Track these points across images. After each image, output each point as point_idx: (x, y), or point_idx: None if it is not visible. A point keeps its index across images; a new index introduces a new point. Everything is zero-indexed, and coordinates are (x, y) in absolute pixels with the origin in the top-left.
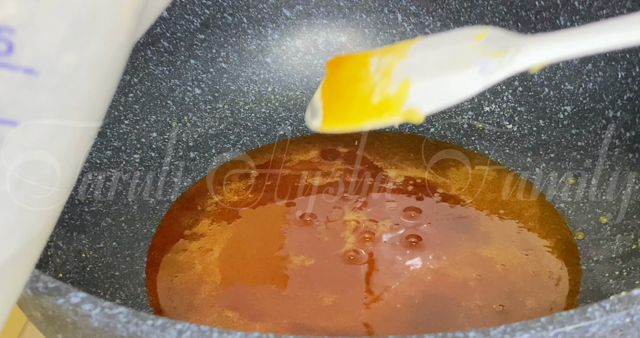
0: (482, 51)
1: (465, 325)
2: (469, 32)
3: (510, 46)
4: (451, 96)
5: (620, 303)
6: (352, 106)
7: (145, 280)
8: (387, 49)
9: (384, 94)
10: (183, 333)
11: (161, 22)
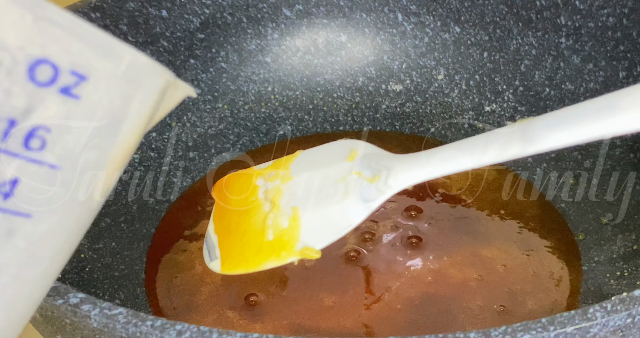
0: (357, 176)
1: (466, 325)
2: (342, 150)
3: (381, 168)
4: (341, 227)
5: (622, 303)
6: (248, 244)
7: (144, 281)
8: (270, 167)
9: (276, 227)
10: (182, 334)
11: (161, 21)
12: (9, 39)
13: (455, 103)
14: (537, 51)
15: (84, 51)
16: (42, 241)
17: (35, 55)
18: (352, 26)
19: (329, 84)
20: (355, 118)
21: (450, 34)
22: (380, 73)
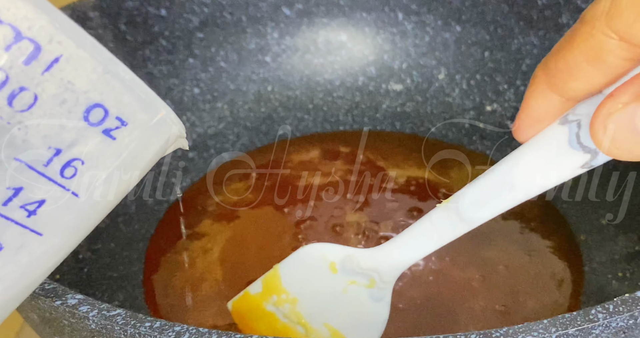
0: (356, 285)
1: (468, 325)
2: (318, 261)
3: (369, 272)
4: (378, 328)
5: (624, 305)
6: None
7: (142, 282)
8: (265, 291)
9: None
10: (182, 335)
11: (160, 20)
12: (78, 84)
13: (456, 103)
14: (538, 50)
15: (132, 101)
16: (42, 257)
17: (94, 100)
18: (352, 25)
19: (329, 83)
20: (355, 118)
21: (451, 33)
22: (380, 73)
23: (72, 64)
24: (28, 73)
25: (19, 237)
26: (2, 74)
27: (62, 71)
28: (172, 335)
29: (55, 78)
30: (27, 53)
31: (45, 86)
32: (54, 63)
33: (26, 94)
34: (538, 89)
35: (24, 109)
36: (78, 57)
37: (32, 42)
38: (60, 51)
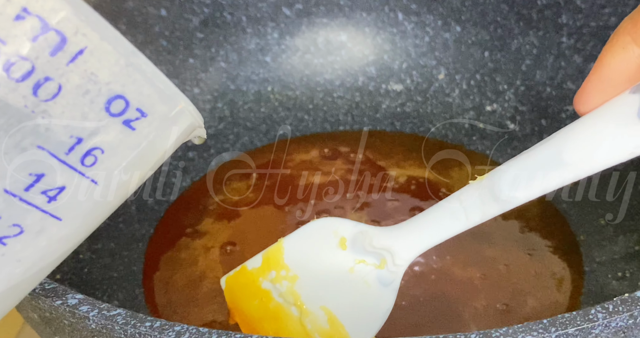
0: (364, 264)
1: (470, 324)
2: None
3: (381, 251)
4: (379, 315)
5: (624, 304)
6: None
7: (142, 281)
8: (265, 267)
9: (320, 330)
10: (182, 335)
11: (160, 20)
12: (101, 76)
13: (456, 103)
14: (538, 51)
15: (152, 93)
16: (60, 242)
17: (116, 91)
18: (352, 25)
19: (329, 83)
20: (355, 118)
21: (451, 33)
22: (380, 73)
23: (96, 55)
24: (53, 64)
25: (39, 222)
26: (29, 63)
27: (86, 63)
28: (172, 335)
29: (79, 69)
30: (54, 44)
31: (70, 77)
32: (79, 55)
33: (51, 84)
34: (620, 42)
35: (48, 98)
36: (102, 49)
37: (59, 34)
38: (85, 42)
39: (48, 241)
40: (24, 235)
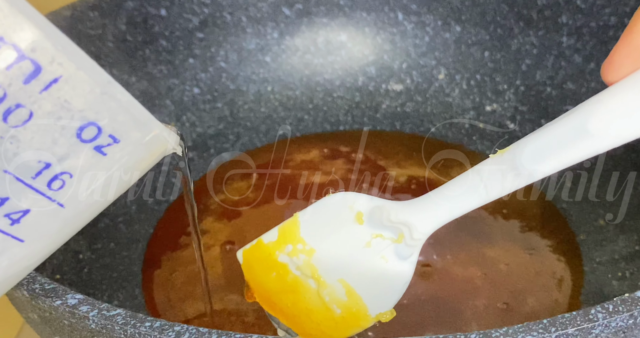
0: (381, 239)
1: (472, 322)
2: (343, 210)
3: (399, 226)
4: (398, 288)
5: (624, 304)
6: (321, 322)
7: (142, 280)
8: (280, 241)
9: (338, 302)
10: (181, 335)
11: (159, 20)
12: (75, 104)
13: (455, 103)
14: (538, 50)
15: (126, 121)
16: (22, 261)
17: (89, 118)
18: (352, 25)
19: (329, 83)
20: (355, 118)
21: (451, 33)
22: (380, 73)
23: (71, 84)
24: (26, 91)
25: (0, 243)
26: (0, 90)
27: (60, 91)
28: (172, 335)
29: (52, 97)
30: (28, 73)
31: (42, 104)
32: (53, 83)
33: (22, 110)
34: None
35: (18, 124)
36: (77, 78)
37: (34, 63)
38: (60, 72)
39: (9, 261)
40: None
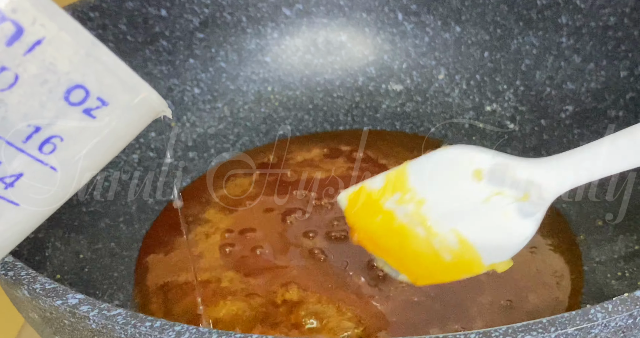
0: (503, 196)
1: (477, 318)
2: (461, 165)
3: (525, 185)
4: (517, 242)
5: (623, 304)
6: (429, 266)
7: (134, 281)
8: (387, 187)
9: (449, 250)
10: (182, 335)
11: (160, 21)
12: (61, 66)
13: (455, 103)
14: (537, 51)
15: (114, 83)
16: (18, 225)
17: (76, 81)
18: (352, 26)
19: (329, 83)
20: (355, 118)
21: (451, 33)
22: (380, 73)
23: (55, 46)
24: (10, 54)
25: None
26: None
27: (44, 53)
28: (172, 335)
29: (37, 59)
30: (10, 34)
31: (27, 67)
32: (37, 45)
33: (7, 73)
34: None
35: (4, 88)
36: (61, 40)
37: (15, 24)
38: (43, 33)
39: (5, 226)
40: None
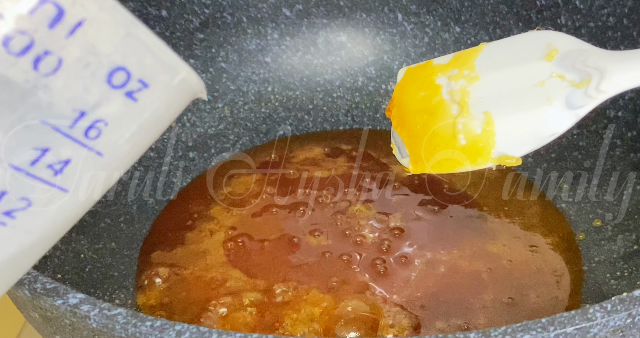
0: (560, 80)
1: (479, 315)
2: (537, 45)
3: (592, 70)
4: (543, 135)
5: (622, 304)
6: (439, 148)
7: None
8: (452, 63)
9: (468, 133)
10: (182, 335)
11: (160, 21)
12: (102, 47)
13: None
14: None
15: (153, 64)
16: (67, 212)
17: (117, 63)
18: (352, 26)
19: (329, 84)
20: (355, 118)
21: (451, 33)
22: (380, 73)
23: (95, 27)
24: (53, 37)
25: (46, 194)
26: (27, 38)
27: (86, 34)
28: (172, 334)
29: (79, 42)
30: (52, 16)
31: (70, 50)
32: (78, 27)
33: (51, 57)
34: None
35: (49, 72)
36: (100, 21)
37: (56, 6)
38: (83, 14)
39: (56, 212)
40: (32, 208)
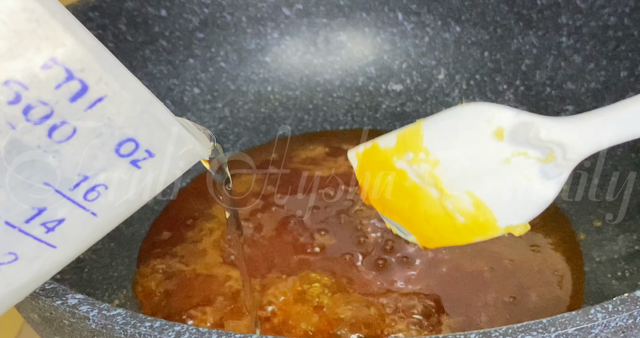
0: (525, 158)
1: (481, 314)
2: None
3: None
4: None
5: (623, 304)
6: (441, 228)
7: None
8: (400, 146)
9: (463, 212)
10: (182, 335)
11: (160, 21)
12: (117, 121)
13: (455, 103)
14: (538, 51)
15: (163, 136)
16: (52, 265)
17: (128, 135)
18: (352, 25)
19: (329, 83)
20: (355, 118)
21: (451, 33)
22: (380, 73)
23: (115, 103)
24: (72, 109)
25: (34, 249)
26: (48, 108)
27: (104, 109)
28: (172, 335)
29: (96, 114)
30: (75, 91)
31: (86, 121)
32: (98, 102)
33: (66, 127)
34: None
35: (61, 140)
36: (121, 98)
37: (81, 83)
38: (105, 91)
39: (40, 266)
40: (18, 262)
